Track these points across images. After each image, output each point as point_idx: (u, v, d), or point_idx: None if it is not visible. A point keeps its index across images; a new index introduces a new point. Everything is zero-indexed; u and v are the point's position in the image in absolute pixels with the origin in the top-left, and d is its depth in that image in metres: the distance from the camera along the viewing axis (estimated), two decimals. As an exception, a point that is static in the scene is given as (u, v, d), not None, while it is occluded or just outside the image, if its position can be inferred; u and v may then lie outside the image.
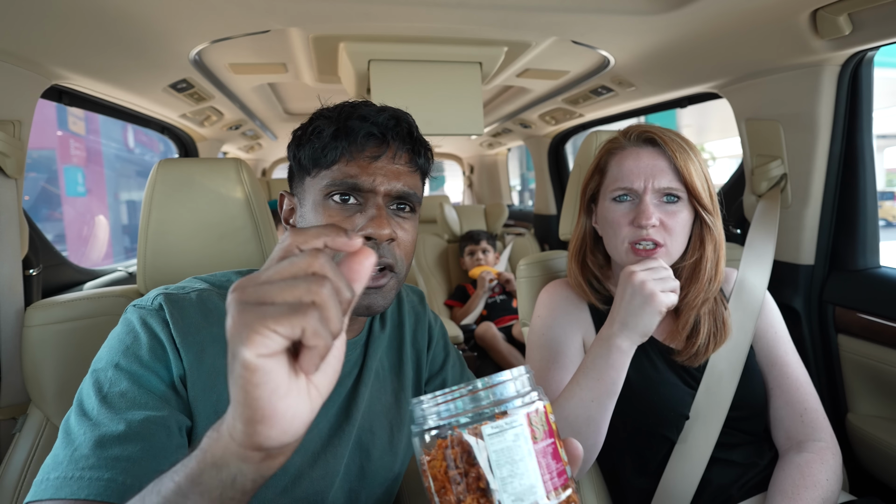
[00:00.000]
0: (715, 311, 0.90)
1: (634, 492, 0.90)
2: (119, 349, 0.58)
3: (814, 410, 0.87)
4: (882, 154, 11.65)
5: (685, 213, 0.85)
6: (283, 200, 0.72)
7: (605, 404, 0.77)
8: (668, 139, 0.85)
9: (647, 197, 0.83)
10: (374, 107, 0.65)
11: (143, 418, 0.53)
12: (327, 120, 0.63)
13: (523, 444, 0.37)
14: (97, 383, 0.56)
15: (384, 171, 0.63)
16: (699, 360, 0.88)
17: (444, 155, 4.44)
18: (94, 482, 0.48)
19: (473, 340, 2.47)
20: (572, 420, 0.78)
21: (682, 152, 0.85)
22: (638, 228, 0.83)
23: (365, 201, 0.63)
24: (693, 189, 0.84)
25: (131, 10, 1.00)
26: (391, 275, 0.64)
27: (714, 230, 0.87)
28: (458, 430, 0.37)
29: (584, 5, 1.08)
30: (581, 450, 0.45)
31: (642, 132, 0.88)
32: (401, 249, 0.64)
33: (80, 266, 1.62)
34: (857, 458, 1.21)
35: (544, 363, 0.91)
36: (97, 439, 0.51)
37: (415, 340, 0.80)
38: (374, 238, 0.61)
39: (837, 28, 0.98)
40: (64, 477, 0.49)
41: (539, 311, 0.97)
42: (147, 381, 0.56)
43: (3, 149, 1.02)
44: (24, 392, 0.98)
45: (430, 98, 1.42)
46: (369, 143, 0.63)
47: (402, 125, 0.65)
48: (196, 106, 1.83)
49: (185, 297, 0.64)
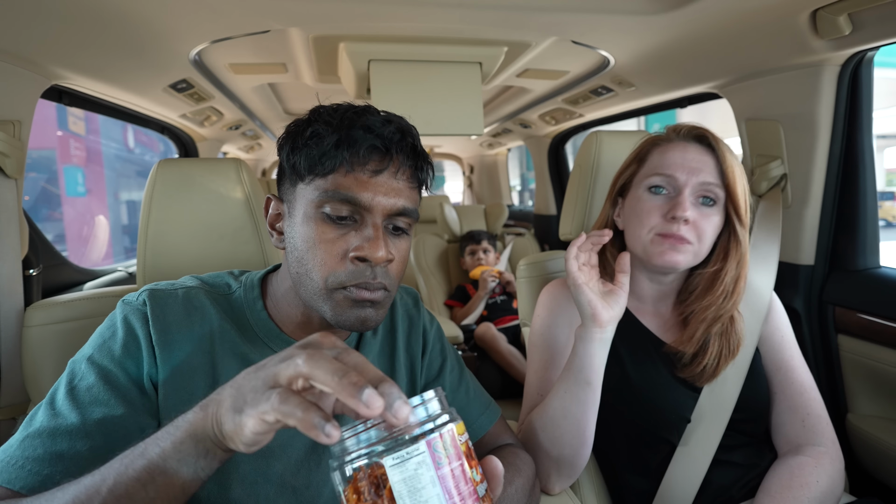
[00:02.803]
0: (728, 333, 0.86)
1: (634, 493, 0.90)
2: (97, 343, 0.59)
3: (816, 416, 0.86)
4: (882, 154, 11.64)
5: (717, 219, 0.84)
6: (269, 204, 0.68)
7: (577, 395, 0.77)
8: (718, 140, 0.85)
9: (686, 190, 0.82)
10: (378, 116, 0.61)
11: (101, 417, 0.54)
12: (328, 125, 0.59)
13: (425, 471, 0.38)
14: (70, 374, 0.57)
15: (385, 187, 0.59)
16: (705, 381, 0.86)
17: (444, 155, 4.44)
18: (31, 475, 0.49)
19: (473, 341, 2.46)
20: (551, 414, 0.79)
21: (731, 156, 0.84)
22: (670, 221, 0.81)
23: (361, 219, 0.59)
24: (733, 194, 0.82)
25: (131, 10, 1.00)
26: (387, 293, 0.62)
27: (742, 243, 0.85)
28: (368, 461, 0.38)
29: (584, 5, 1.08)
30: (500, 467, 0.46)
31: (693, 128, 0.87)
32: (394, 271, 0.62)
33: (80, 266, 1.62)
34: (857, 459, 1.21)
35: (544, 363, 0.91)
36: (51, 429, 0.52)
37: (408, 346, 0.76)
38: (370, 260, 0.58)
39: (837, 28, 0.98)
40: (8, 461, 0.50)
41: (539, 311, 0.97)
42: (114, 378, 0.57)
43: (3, 149, 1.02)
44: (24, 392, 0.98)
45: (430, 98, 1.42)
46: (372, 156, 0.59)
47: (407, 139, 0.61)
48: (196, 106, 1.83)
49: (171, 294, 0.64)
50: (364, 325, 0.60)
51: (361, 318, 0.60)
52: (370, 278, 0.58)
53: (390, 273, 0.61)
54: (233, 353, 0.63)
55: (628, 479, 0.91)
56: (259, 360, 0.64)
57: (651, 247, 0.83)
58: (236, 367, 0.60)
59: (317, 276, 0.59)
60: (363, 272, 0.58)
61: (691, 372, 0.86)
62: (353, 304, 0.59)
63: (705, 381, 0.86)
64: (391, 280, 0.61)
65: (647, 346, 0.89)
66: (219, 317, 0.64)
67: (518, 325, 2.44)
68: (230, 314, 0.66)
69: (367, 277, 0.58)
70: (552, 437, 0.80)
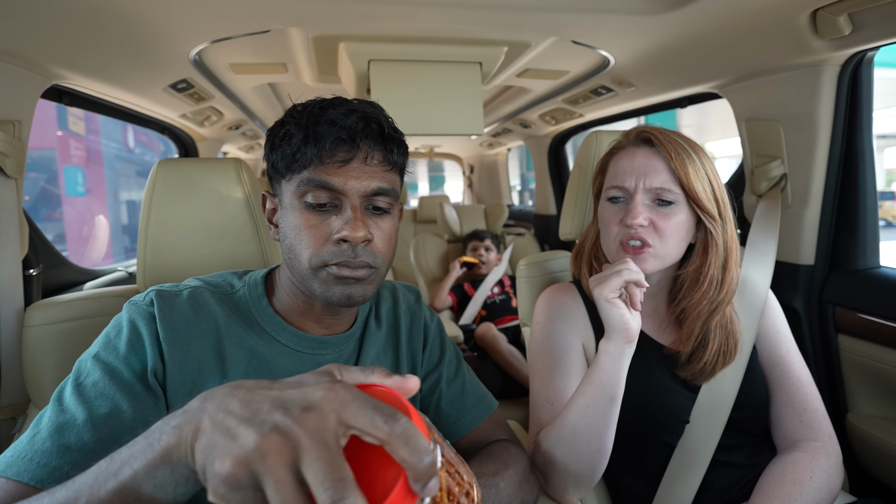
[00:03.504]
0: (728, 326, 0.86)
1: (634, 496, 0.90)
2: (102, 342, 0.61)
3: (813, 411, 0.86)
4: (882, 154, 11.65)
5: (681, 217, 0.83)
6: (265, 200, 0.73)
7: (600, 410, 0.75)
8: (665, 139, 0.83)
9: (637, 196, 0.82)
10: (342, 107, 0.63)
11: (107, 411, 0.55)
12: (297, 125, 0.63)
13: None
14: (77, 371, 0.59)
15: (356, 172, 0.62)
16: (705, 378, 0.86)
17: (444, 155, 4.43)
18: (40, 467, 0.50)
19: (473, 341, 2.47)
20: (571, 429, 0.77)
21: (681, 153, 0.82)
22: (626, 227, 0.82)
23: (340, 203, 0.63)
24: (691, 192, 0.81)
25: (131, 10, 1.00)
26: (373, 270, 0.65)
27: (716, 237, 0.84)
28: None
29: (584, 5, 1.08)
30: None
31: (640, 132, 0.87)
32: (378, 248, 0.65)
33: (80, 266, 1.62)
34: (857, 458, 1.21)
35: (547, 371, 0.90)
36: (59, 425, 0.53)
37: (410, 340, 0.80)
38: (350, 241, 0.62)
39: (837, 28, 0.98)
40: (17, 456, 0.51)
41: (537, 317, 0.96)
42: (119, 374, 0.58)
43: (3, 149, 1.02)
44: (23, 392, 0.98)
45: (430, 98, 1.42)
46: (339, 148, 0.62)
47: (372, 125, 0.64)
48: (196, 106, 1.83)
49: (177, 294, 0.66)
50: (350, 300, 0.64)
51: (347, 293, 0.64)
52: (351, 257, 0.62)
53: (374, 251, 0.64)
54: (240, 346, 0.65)
55: (628, 483, 0.90)
56: (267, 353, 0.66)
57: (616, 255, 0.85)
58: (245, 360, 0.64)
59: (304, 257, 0.63)
60: (345, 252, 0.62)
61: (691, 370, 0.86)
62: (337, 281, 0.63)
63: (704, 379, 0.86)
64: (375, 257, 0.65)
65: (643, 349, 0.89)
66: (224, 314, 0.66)
67: (518, 325, 2.44)
68: (235, 311, 0.68)
69: (349, 256, 0.62)
70: (572, 453, 0.78)
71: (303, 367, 0.68)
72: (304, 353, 0.69)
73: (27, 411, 0.95)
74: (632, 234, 0.82)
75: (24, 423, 0.93)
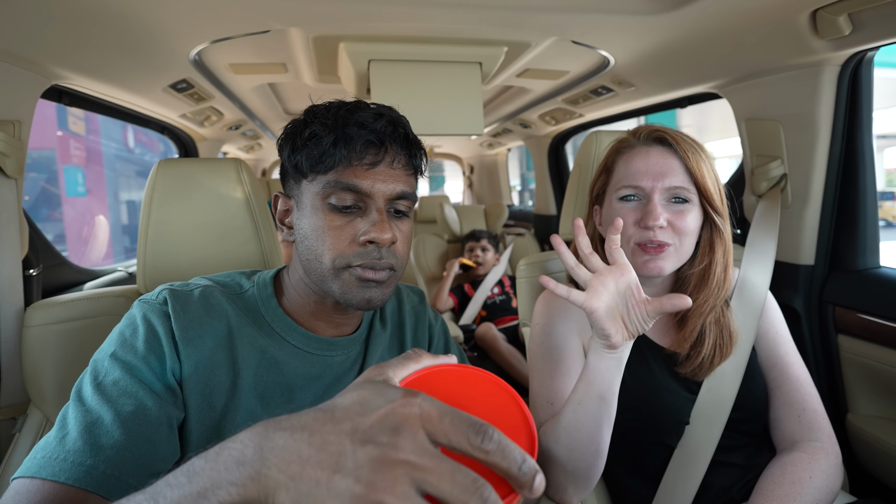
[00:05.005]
0: (721, 321, 0.87)
1: (634, 496, 0.90)
2: (118, 341, 0.61)
3: (812, 411, 0.86)
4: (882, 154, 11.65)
5: (694, 215, 0.84)
6: (277, 201, 0.72)
7: (590, 409, 0.73)
8: (679, 139, 0.85)
9: (655, 196, 0.82)
10: (369, 111, 0.65)
11: (132, 409, 0.55)
12: (324, 125, 0.63)
13: None
14: (94, 371, 0.59)
15: (383, 176, 0.64)
16: (703, 374, 0.86)
17: (444, 155, 4.44)
18: (75, 466, 0.50)
19: (474, 341, 2.47)
20: (565, 425, 0.77)
21: (694, 153, 0.84)
22: (644, 230, 0.82)
23: (365, 206, 0.64)
24: (704, 190, 0.83)
25: (131, 10, 1.00)
26: (392, 273, 0.66)
27: (724, 234, 0.86)
28: None
29: (584, 5, 1.08)
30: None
31: (652, 131, 0.87)
32: (400, 251, 0.67)
33: (80, 266, 1.62)
34: (857, 459, 1.21)
35: (548, 371, 0.90)
36: (87, 425, 0.53)
37: (415, 340, 0.81)
38: (377, 242, 0.62)
39: (837, 28, 0.98)
40: (49, 457, 0.51)
41: (537, 318, 0.96)
42: (139, 372, 0.58)
43: (3, 149, 1.02)
44: (23, 392, 0.98)
45: (430, 98, 1.42)
46: (369, 150, 0.63)
47: (399, 130, 0.65)
48: (196, 106, 1.83)
49: (189, 293, 0.66)
50: (370, 304, 0.65)
51: (367, 297, 0.64)
52: (377, 258, 0.63)
53: (396, 253, 0.66)
54: (251, 346, 0.66)
55: (627, 484, 0.90)
56: (278, 354, 0.66)
57: (633, 258, 0.84)
58: (255, 361, 0.65)
59: (326, 258, 0.63)
60: (371, 253, 0.63)
61: (691, 366, 0.86)
62: (359, 284, 0.64)
63: (704, 375, 0.86)
64: (397, 259, 0.66)
65: (643, 351, 0.89)
66: (235, 313, 0.67)
67: (518, 325, 2.44)
68: (245, 311, 0.69)
69: (374, 258, 0.63)
70: (566, 450, 0.77)
71: (312, 368, 0.68)
72: (313, 354, 0.69)
73: (27, 411, 0.95)
74: (650, 238, 0.81)
75: (24, 423, 0.93)
